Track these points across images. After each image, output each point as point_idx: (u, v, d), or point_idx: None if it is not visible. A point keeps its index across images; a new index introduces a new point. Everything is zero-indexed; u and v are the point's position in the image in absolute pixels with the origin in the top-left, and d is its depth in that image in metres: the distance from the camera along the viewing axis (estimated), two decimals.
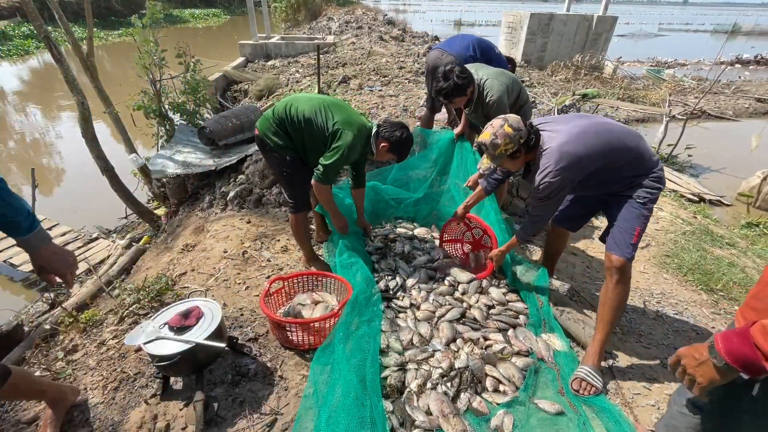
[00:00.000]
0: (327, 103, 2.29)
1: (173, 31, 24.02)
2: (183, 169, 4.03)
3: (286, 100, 2.31)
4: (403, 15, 21.30)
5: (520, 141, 1.83)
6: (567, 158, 1.79)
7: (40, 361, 2.19)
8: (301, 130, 2.26)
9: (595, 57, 10.60)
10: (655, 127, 7.17)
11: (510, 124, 1.84)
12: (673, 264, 3.16)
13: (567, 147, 1.81)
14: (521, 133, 1.83)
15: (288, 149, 2.30)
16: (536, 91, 7.43)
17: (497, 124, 1.87)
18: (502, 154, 1.86)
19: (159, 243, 3.74)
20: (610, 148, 1.83)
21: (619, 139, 1.86)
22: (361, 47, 10.32)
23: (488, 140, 1.87)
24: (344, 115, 2.24)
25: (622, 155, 1.85)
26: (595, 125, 1.89)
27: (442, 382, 1.79)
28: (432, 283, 2.43)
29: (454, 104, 2.65)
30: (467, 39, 3.32)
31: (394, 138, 2.30)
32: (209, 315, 1.81)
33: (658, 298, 2.75)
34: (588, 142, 1.82)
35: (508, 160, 1.92)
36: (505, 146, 1.83)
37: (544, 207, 1.99)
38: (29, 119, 10.95)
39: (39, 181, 6.96)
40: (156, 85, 4.37)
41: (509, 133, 1.82)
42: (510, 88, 2.64)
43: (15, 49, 16.58)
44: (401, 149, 2.37)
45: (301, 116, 2.23)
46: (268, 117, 2.30)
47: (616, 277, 1.89)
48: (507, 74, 2.75)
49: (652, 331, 2.41)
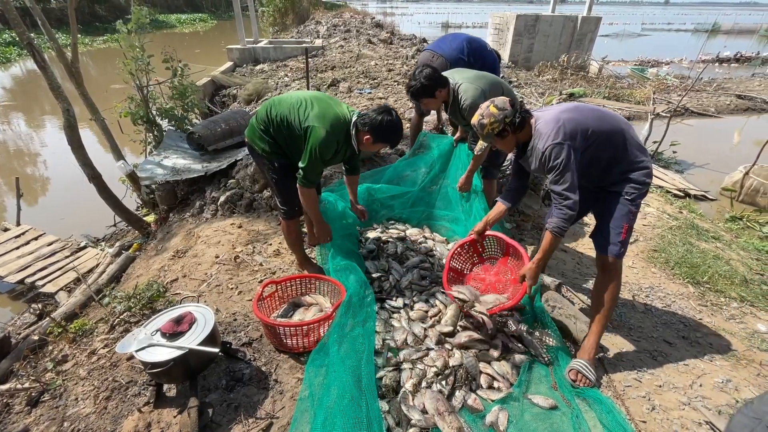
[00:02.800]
0: (304, 98, 2.15)
1: (160, 36, 23.79)
2: (172, 174, 3.99)
3: (268, 102, 2.23)
4: (390, 18, 21.37)
5: (505, 120, 1.86)
6: (565, 121, 1.80)
7: (29, 373, 2.15)
8: (282, 131, 2.16)
9: (581, 57, 10.77)
10: (641, 124, 7.30)
11: (496, 104, 1.89)
12: (661, 258, 3.22)
13: (563, 115, 1.85)
14: (506, 112, 1.87)
15: (275, 154, 2.23)
16: (524, 92, 7.52)
17: (484, 105, 1.92)
18: (490, 133, 1.90)
19: (149, 250, 3.70)
20: (606, 123, 1.87)
21: (612, 117, 1.93)
22: (349, 50, 10.34)
23: (476, 121, 1.93)
24: (318, 110, 2.08)
25: (615, 133, 1.87)
26: (587, 106, 1.97)
27: (437, 381, 1.80)
28: (425, 283, 2.44)
29: (424, 105, 2.72)
30: (458, 39, 3.35)
31: (375, 124, 2.07)
32: (202, 320, 1.80)
33: (646, 291, 2.80)
34: (584, 112, 1.88)
35: (498, 140, 1.94)
36: (491, 125, 1.88)
37: (564, 180, 1.79)
38: (12, 128, 10.75)
39: (24, 191, 6.86)
40: (143, 90, 4.33)
41: (494, 113, 1.87)
42: (488, 91, 2.60)
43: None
44: (387, 135, 2.12)
45: (280, 117, 2.13)
46: (253, 123, 2.25)
47: (609, 273, 1.93)
48: (488, 78, 2.73)
49: (641, 324, 2.45)
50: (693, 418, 1.82)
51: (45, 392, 1.89)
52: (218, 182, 3.95)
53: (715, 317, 2.59)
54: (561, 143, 1.77)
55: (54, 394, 1.88)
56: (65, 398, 1.85)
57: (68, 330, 2.44)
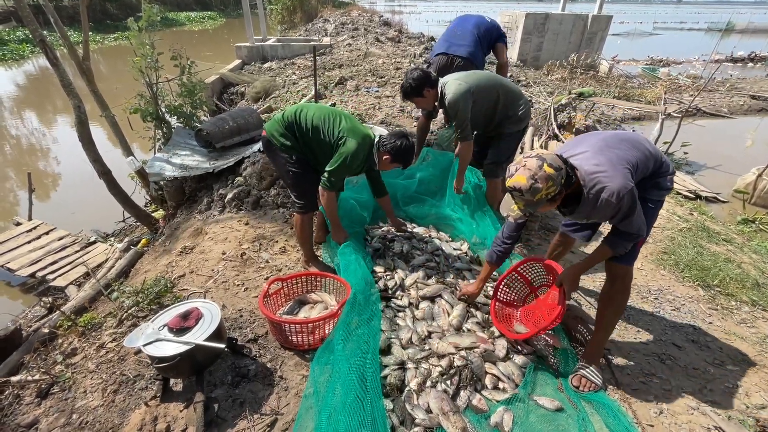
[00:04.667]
0: (337, 113, 2.40)
1: (169, 34, 23.98)
2: (180, 171, 4.03)
3: (298, 106, 2.41)
4: (399, 16, 21.32)
5: (561, 181, 1.51)
6: (619, 164, 1.60)
7: (39, 365, 2.18)
8: (309, 136, 2.35)
9: (591, 56, 10.65)
10: (651, 125, 7.21)
11: (549, 163, 1.50)
12: (670, 261, 3.18)
13: (608, 154, 1.62)
14: (562, 172, 1.51)
15: (294, 149, 2.38)
16: (532, 91, 7.45)
17: (534, 165, 1.50)
18: (542, 199, 1.52)
19: (157, 246, 3.73)
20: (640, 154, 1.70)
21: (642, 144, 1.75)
22: (357, 49, 10.34)
23: (525, 185, 1.50)
24: (351, 125, 2.34)
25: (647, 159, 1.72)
26: (611, 134, 1.79)
27: (441, 380, 1.79)
28: (430, 282, 2.43)
29: (416, 103, 2.80)
30: (466, 29, 3.33)
31: (395, 149, 2.35)
32: (208, 316, 1.81)
33: (655, 294, 2.76)
34: (622, 147, 1.67)
35: (547, 204, 1.58)
36: (547, 190, 1.50)
37: (640, 223, 1.65)
38: (25, 124, 10.93)
39: (36, 186, 6.97)
40: (152, 88, 4.37)
41: (551, 174, 1.49)
42: (473, 86, 2.58)
43: (10, 53, 16.53)
44: (404, 158, 2.41)
45: (310, 123, 2.33)
46: (278, 119, 2.39)
47: (619, 281, 1.88)
48: (478, 75, 2.71)
49: (650, 327, 2.42)
50: (702, 423, 1.80)
51: (54, 384, 1.91)
52: (226, 179, 3.97)
53: (726, 321, 2.55)
54: (631, 188, 1.55)
55: (63, 386, 1.91)
56: (74, 391, 1.88)
57: (77, 323, 2.47)
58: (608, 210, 1.59)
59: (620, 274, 1.87)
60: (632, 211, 1.60)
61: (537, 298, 2.20)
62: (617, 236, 1.73)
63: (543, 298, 2.13)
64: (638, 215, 1.64)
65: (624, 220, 1.63)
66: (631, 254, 1.83)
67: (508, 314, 2.24)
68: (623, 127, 7.53)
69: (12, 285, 4.82)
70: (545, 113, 5.13)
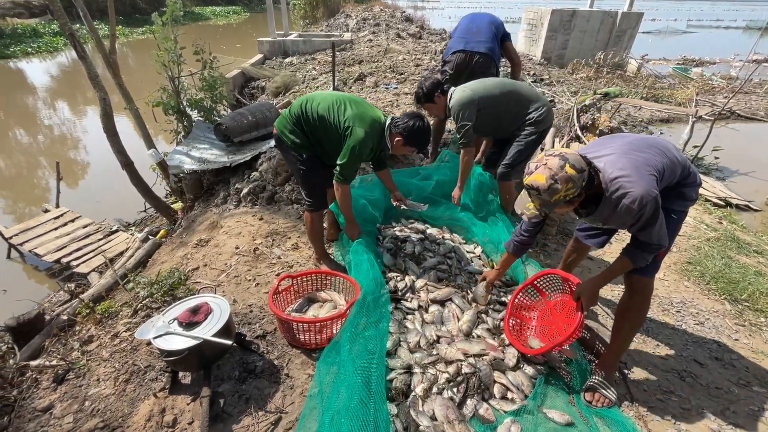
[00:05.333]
0: (342, 99, 2.28)
1: (194, 28, 24.44)
2: (199, 165, 4.09)
3: (303, 98, 2.32)
4: (421, 12, 21.09)
5: (582, 183, 1.45)
6: (646, 168, 1.52)
7: (58, 351, 2.25)
8: (317, 127, 2.27)
9: (619, 55, 10.28)
10: (680, 127, 6.92)
11: (572, 164, 1.43)
12: (696, 271, 3.04)
13: (634, 158, 1.53)
14: (584, 174, 1.44)
15: (303, 147, 2.32)
16: (555, 90, 7.25)
17: (555, 164, 1.43)
18: (560, 200, 1.46)
19: (174, 238, 3.81)
20: (668, 160, 1.61)
21: (669, 151, 1.65)
22: (378, 44, 10.28)
23: (544, 185, 1.44)
24: (357, 111, 2.21)
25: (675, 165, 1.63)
26: (639, 138, 1.71)
27: (448, 387, 1.76)
28: (441, 285, 2.39)
29: (427, 109, 2.88)
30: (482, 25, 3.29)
31: (408, 129, 2.20)
32: (218, 311, 1.83)
33: (678, 306, 2.64)
34: (651, 151, 1.59)
35: (564, 206, 1.53)
36: (566, 191, 1.44)
37: (662, 233, 1.57)
38: (58, 114, 11.37)
39: (65, 174, 7.22)
40: (174, 81, 4.44)
41: (572, 175, 1.42)
42: (480, 97, 2.60)
43: (45, 46, 17.18)
44: (418, 140, 2.24)
45: (316, 114, 2.24)
46: (285, 115, 2.34)
47: (639, 293, 1.80)
48: (489, 83, 2.69)
49: (670, 341, 2.32)
50: None
51: (70, 371, 1.97)
52: (242, 174, 4.01)
53: (754, 339, 2.42)
54: (655, 196, 1.47)
55: (78, 373, 1.96)
56: (88, 378, 1.93)
57: (95, 311, 2.54)
58: (628, 217, 1.51)
59: (639, 287, 1.78)
60: (654, 220, 1.52)
61: (553, 311, 2.11)
62: (637, 247, 1.65)
63: (559, 312, 2.04)
64: (660, 225, 1.55)
65: (645, 229, 1.56)
66: (652, 266, 1.74)
67: (521, 327, 2.16)
68: (650, 129, 7.25)
69: (39, 270, 5.03)
70: (568, 114, 4.98)
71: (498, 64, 3.30)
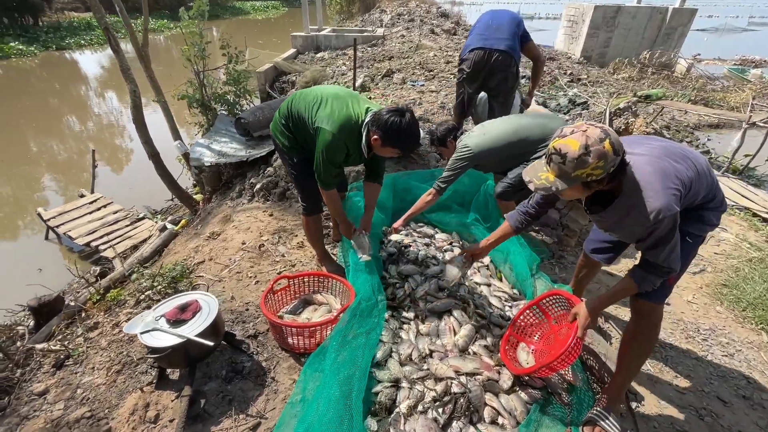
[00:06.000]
0: (322, 95, 2.04)
1: (234, 22, 25.15)
2: (218, 158, 4.16)
3: (291, 96, 2.18)
4: (458, 8, 20.65)
5: (611, 169, 1.26)
6: (673, 181, 1.35)
7: (66, 335, 2.35)
8: (299, 128, 2.11)
9: (666, 54, 9.61)
10: (731, 134, 6.38)
11: (612, 141, 1.24)
12: (731, 296, 2.76)
13: (667, 166, 1.37)
14: (618, 159, 1.26)
15: (294, 150, 2.19)
16: (590, 91, 6.86)
17: (595, 134, 1.24)
18: (580, 177, 1.27)
19: (190, 229, 3.90)
20: (698, 174, 1.44)
21: (700, 165, 1.47)
22: (409, 40, 10.14)
23: (574, 153, 1.24)
24: (329, 110, 1.96)
25: (700, 182, 1.46)
26: (676, 146, 1.51)
27: (433, 407, 1.67)
28: (441, 295, 2.29)
29: (441, 152, 2.86)
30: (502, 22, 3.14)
31: (383, 126, 1.85)
32: (206, 310, 1.82)
33: (705, 334, 2.40)
34: (683, 163, 1.41)
35: (579, 187, 1.34)
36: (593, 169, 1.24)
37: (674, 256, 1.41)
38: (106, 103, 12.05)
39: (105, 161, 7.60)
40: (199, 75, 4.54)
41: (608, 153, 1.23)
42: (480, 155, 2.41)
43: (96, 38, 18.21)
44: (397, 138, 1.87)
45: (297, 113, 2.08)
46: (276, 116, 2.22)
47: (645, 320, 1.63)
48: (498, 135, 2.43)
49: (691, 373, 2.10)
50: None
51: (69, 357, 2.04)
52: (258, 168, 4.05)
53: None
54: (676, 213, 1.31)
55: (76, 360, 2.03)
56: (84, 365, 1.99)
57: (106, 299, 2.63)
58: (638, 228, 1.36)
59: (645, 312, 1.62)
60: (668, 239, 1.36)
61: (556, 336, 1.93)
62: (645, 269, 1.48)
63: (563, 338, 1.86)
64: (673, 247, 1.39)
65: (655, 248, 1.39)
66: (661, 291, 1.57)
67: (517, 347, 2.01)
68: (696, 135, 6.73)
69: (73, 251, 5.33)
70: (600, 117, 4.68)
71: (518, 63, 3.11)
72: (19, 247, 5.56)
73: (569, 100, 5.75)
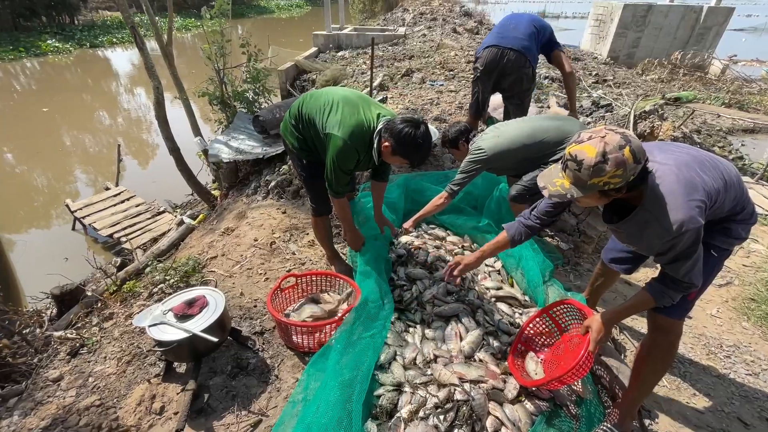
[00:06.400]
0: (333, 98, 2.03)
1: (259, 21, 25.56)
2: (235, 155, 4.23)
3: (301, 98, 2.17)
4: (482, 6, 20.40)
5: (630, 177, 1.20)
6: (699, 194, 1.27)
7: (84, 324, 2.43)
8: (309, 130, 2.10)
9: (700, 55, 9.19)
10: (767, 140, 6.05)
11: (633, 149, 1.17)
12: (759, 311, 2.61)
13: (690, 175, 1.29)
14: (639, 168, 1.20)
15: (303, 151, 2.19)
16: (615, 93, 6.63)
17: (614, 141, 1.18)
18: (597, 185, 1.22)
19: (206, 224, 3.97)
20: (726, 185, 1.36)
21: (729, 175, 1.40)
22: (431, 39, 10.06)
23: (591, 160, 1.18)
24: (341, 116, 1.94)
25: (728, 193, 1.38)
26: (699, 155, 1.42)
27: (434, 414, 1.64)
28: (449, 299, 2.25)
29: (452, 153, 2.77)
30: (521, 22, 3.07)
31: (397, 136, 1.84)
32: (213, 306, 1.84)
33: (728, 351, 2.28)
34: (711, 174, 1.33)
35: (596, 195, 1.27)
36: (611, 177, 1.18)
37: (696, 271, 1.34)
38: (135, 99, 12.47)
39: (132, 155, 7.84)
40: (219, 73, 4.62)
41: (628, 161, 1.17)
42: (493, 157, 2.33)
43: (128, 36, 18.83)
44: (408, 150, 1.87)
45: (307, 116, 2.07)
46: (287, 117, 2.22)
47: (663, 335, 1.55)
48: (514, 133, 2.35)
49: (711, 392, 2.00)
50: None
51: (84, 346, 2.10)
52: (274, 166, 4.09)
53: None
54: (700, 226, 1.24)
55: (90, 348, 2.09)
56: (97, 354, 2.05)
57: (122, 290, 2.71)
58: (658, 241, 1.29)
59: (663, 328, 1.54)
60: (690, 254, 1.28)
61: (566, 346, 1.86)
62: (664, 284, 1.40)
63: (573, 349, 1.79)
64: (695, 261, 1.31)
65: (675, 262, 1.32)
66: (681, 306, 1.49)
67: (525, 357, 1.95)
68: (729, 139, 6.41)
69: (97, 242, 5.53)
70: (623, 121, 4.50)
71: (533, 65, 3.02)
72: (50, 236, 5.81)
73: (592, 102, 5.56)
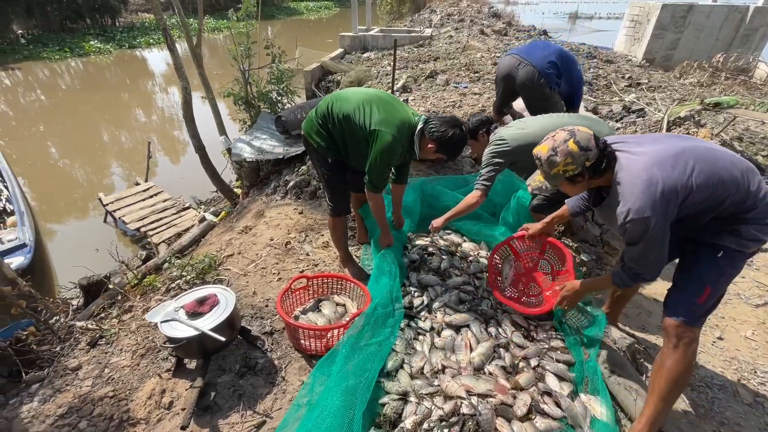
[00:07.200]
0: (369, 99, 2.11)
1: (288, 23, 26.03)
2: (257, 154, 4.30)
3: (330, 97, 2.21)
4: (512, 7, 20.01)
5: (585, 163, 1.45)
6: (657, 187, 1.34)
7: (107, 314, 2.52)
8: (342, 129, 2.15)
9: (744, 57, 8.68)
10: None
11: (577, 140, 1.45)
12: None
13: (656, 171, 1.36)
14: (589, 154, 1.44)
15: (329, 150, 2.22)
16: (651, 97, 6.34)
17: (561, 137, 1.48)
18: (559, 174, 1.50)
19: (226, 221, 4.06)
20: (717, 180, 1.36)
21: (727, 170, 1.38)
22: (457, 41, 9.95)
23: (545, 155, 1.51)
24: (384, 114, 2.05)
25: (726, 190, 1.37)
26: (693, 149, 1.42)
27: (439, 427, 1.59)
28: (462, 308, 2.19)
29: (470, 146, 2.80)
30: (549, 48, 3.08)
31: (444, 138, 2.03)
32: (223, 305, 1.87)
33: (763, 377, 2.12)
34: (686, 169, 1.36)
35: (566, 183, 1.55)
36: (565, 166, 1.47)
37: (643, 262, 1.50)
38: (169, 98, 12.96)
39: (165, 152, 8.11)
40: (245, 74, 4.72)
41: (573, 151, 1.44)
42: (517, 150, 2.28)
43: (163, 38, 19.58)
44: (451, 148, 2.10)
45: (341, 115, 2.11)
46: (312, 116, 2.25)
47: (674, 341, 1.49)
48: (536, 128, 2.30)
49: (741, 422, 1.86)
50: None
51: (102, 337, 2.18)
52: (294, 166, 4.13)
53: None
54: (647, 218, 1.34)
55: (108, 340, 2.16)
56: (114, 346, 2.11)
57: (142, 284, 2.80)
58: (617, 224, 1.45)
59: (673, 333, 1.49)
60: (638, 241, 1.43)
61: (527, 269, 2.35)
62: (621, 264, 1.61)
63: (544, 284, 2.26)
64: (648, 252, 1.45)
65: (628, 245, 1.51)
66: (688, 308, 1.47)
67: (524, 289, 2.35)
68: None
69: (126, 235, 5.75)
70: (656, 127, 4.29)
71: (550, 86, 2.98)
72: (84, 228, 6.11)
73: (623, 107, 5.34)
